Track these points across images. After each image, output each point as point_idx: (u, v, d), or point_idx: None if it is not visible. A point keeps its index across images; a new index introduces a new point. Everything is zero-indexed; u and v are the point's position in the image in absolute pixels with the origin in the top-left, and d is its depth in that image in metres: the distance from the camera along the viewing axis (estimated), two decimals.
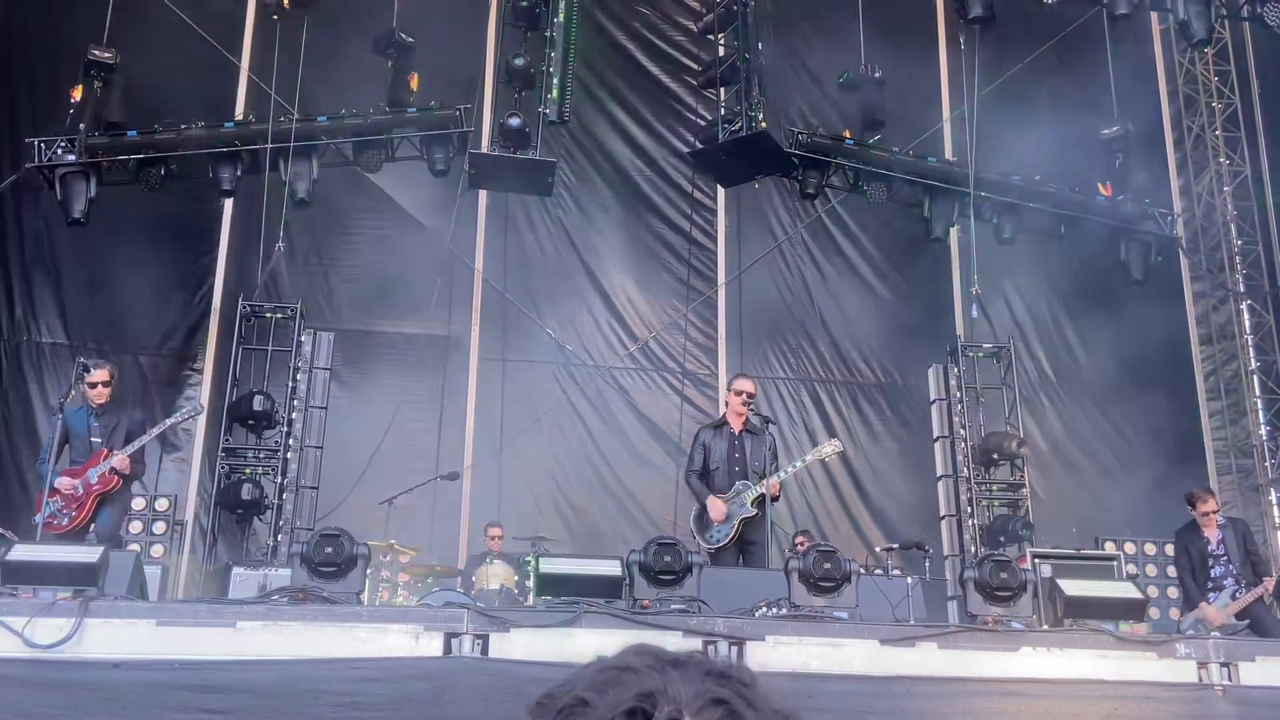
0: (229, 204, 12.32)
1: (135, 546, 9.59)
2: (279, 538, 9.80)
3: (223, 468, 10.30)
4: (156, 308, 12.49)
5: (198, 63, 12.80)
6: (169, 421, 8.31)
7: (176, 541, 10.43)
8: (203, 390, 12.15)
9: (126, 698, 4.87)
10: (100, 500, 7.56)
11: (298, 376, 10.39)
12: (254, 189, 11.28)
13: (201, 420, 11.84)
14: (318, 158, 11.14)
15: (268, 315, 10.80)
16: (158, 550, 10.12)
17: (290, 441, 10.23)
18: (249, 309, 10.74)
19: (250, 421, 10.37)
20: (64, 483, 7.45)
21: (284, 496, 9.98)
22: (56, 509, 7.44)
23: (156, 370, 12.31)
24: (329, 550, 5.79)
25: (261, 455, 10.37)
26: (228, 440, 10.26)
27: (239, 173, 11.12)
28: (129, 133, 10.89)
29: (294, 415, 10.29)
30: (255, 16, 12.96)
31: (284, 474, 10.08)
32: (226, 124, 11.38)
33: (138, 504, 10.19)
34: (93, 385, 7.72)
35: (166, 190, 11.60)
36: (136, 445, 7.61)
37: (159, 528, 10.32)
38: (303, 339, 10.53)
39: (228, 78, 12.88)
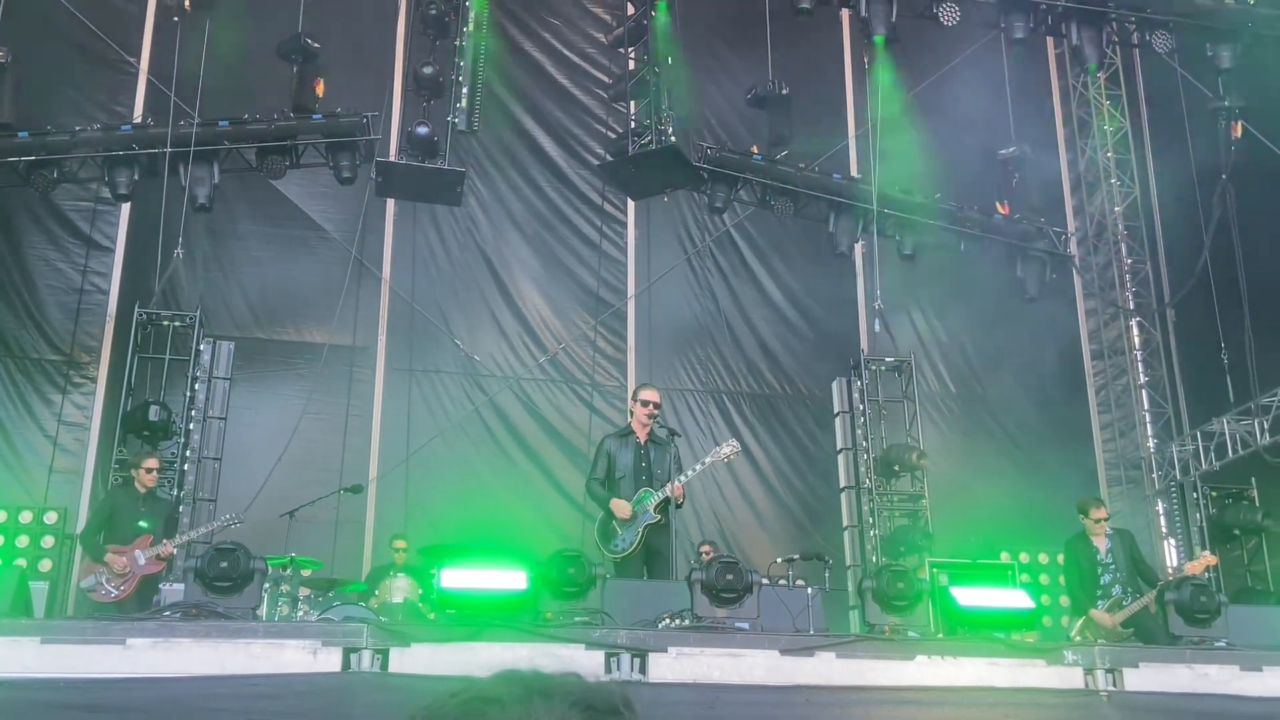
0: (125, 208, 12.00)
1: (22, 561, 9.31)
2: (175, 552, 9.54)
3: (116, 480, 10.00)
4: (46, 313, 12.08)
5: (95, 63, 12.51)
6: (216, 523, 8.61)
7: (66, 556, 10.08)
8: (95, 399, 11.80)
9: (8, 718, 4.70)
10: (142, 581, 8.06)
11: (196, 386, 10.17)
12: (152, 193, 11.00)
13: (94, 430, 11.53)
14: (219, 163, 10.93)
15: (165, 323, 10.54)
16: (46, 565, 9.79)
17: (188, 453, 10.00)
18: (145, 316, 10.47)
19: (145, 432, 10.10)
20: (117, 561, 8.01)
21: (180, 510, 9.73)
22: (102, 580, 7.98)
23: (44, 378, 11.90)
24: (224, 565, 5.66)
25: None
26: (121, 451, 9.98)
27: (136, 176, 10.86)
28: (20, 134, 10.55)
29: (191, 426, 10.07)
30: (155, 17, 12.66)
31: (180, 486, 9.84)
32: (124, 126, 11.12)
33: (25, 517, 9.95)
34: (148, 470, 8.46)
35: (59, 192, 11.28)
36: (184, 540, 8.33)
37: (48, 542, 9.98)
38: (201, 348, 10.32)
39: (126, 79, 12.58)
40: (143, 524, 8.24)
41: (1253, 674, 6.04)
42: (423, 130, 10.90)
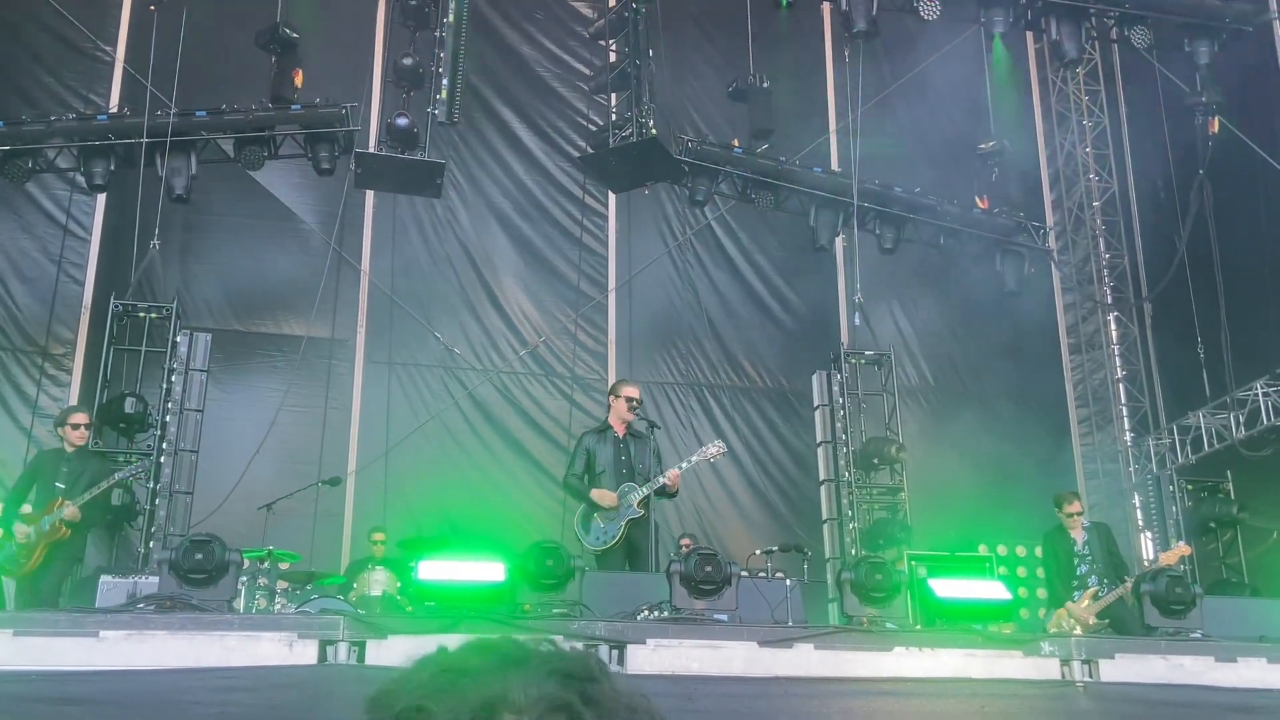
0: (101, 199, 11.90)
1: None
2: (151, 545, 9.50)
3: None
4: (21, 303, 11.97)
5: (70, 52, 12.40)
6: (119, 475, 8.20)
7: None
8: (71, 391, 11.70)
9: None
10: (50, 548, 7.57)
11: (172, 378, 10.10)
12: (129, 184, 10.91)
13: None
14: (196, 154, 10.85)
15: (141, 314, 10.47)
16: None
17: (164, 445, 9.93)
18: (121, 308, 10.40)
19: (122, 424, 10.03)
20: (20, 531, 7.54)
21: (156, 502, 9.67)
22: (12, 553, 7.55)
23: (19, 368, 11.78)
24: (199, 557, 5.62)
25: (133, 459, 10.03)
26: (97, 443, 9.86)
27: (112, 167, 10.77)
28: None
29: (168, 418, 10.00)
30: (131, 5, 12.55)
31: (156, 479, 9.77)
32: (100, 116, 11.00)
33: None
34: (74, 427, 7.92)
35: (35, 181, 11.18)
36: (88, 496, 7.62)
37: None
38: (178, 339, 10.24)
39: (102, 68, 12.47)
40: (59, 485, 7.68)
41: (1227, 665, 6.08)
42: (402, 121, 10.84)
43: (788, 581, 6.94)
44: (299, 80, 10.99)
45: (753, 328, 14.07)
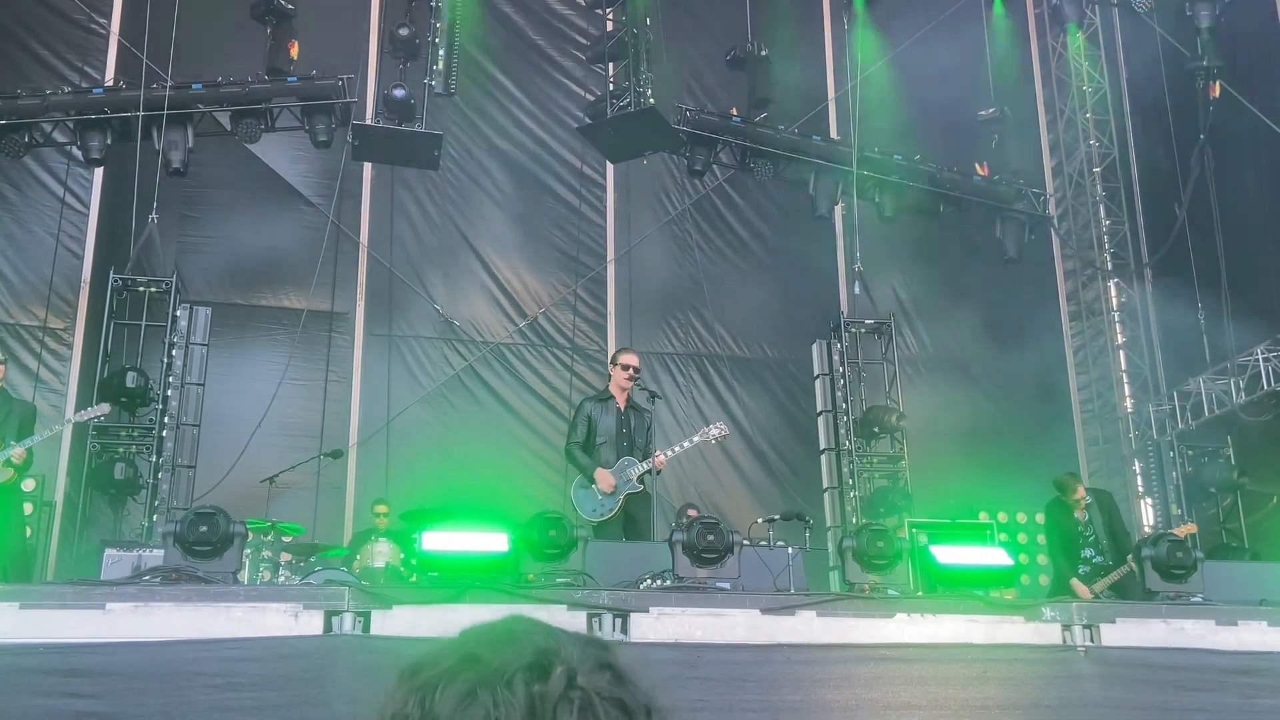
0: (99, 173, 11.85)
1: None
2: (155, 518, 9.54)
3: (93, 446, 9.97)
4: (20, 276, 11.95)
5: (64, 24, 12.32)
6: (74, 418, 8.08)
7: (45, 522, 10.04)
8: (72, 366, 11.70)
9: None
10: None
11: (173, 352, 10.10)
12: (125, 158, 10.86)
13: (70, 396, 11.45)
14: (193, 126, 10.79)
15: (141, 289, 10.45)
16: (25, 532, 9.73)
17: (165, 419, 9.95)
18: (121, 282, 10.38)
19: (123, 399, 10.04)
20: None
21: (159, 476, 9.71)
22: None
23: (19, 342, 11.77)
24: (204, 529, 5.63)
25: (135, 434, 10.07)
26: (99, 419, 9.90)
27: (109, 141, 10.72)
28: None
29: (169, 392, 10.01)
30: None
31: (159, 453, 9.81)
32: (95, 90, 10.94)
33: None
34: None
35: (32, 155, 11.13)
36: (36, 440, 7.40)
37: (26, 508, 9.91)
38: (178, 313, 10.24)
39: (97, 41, 12.38)
40: None
41: (1228, 628, 6.12)
42: (399, 93, 10.78)
43: (789, 550, 6.97)
44: (295, 52, 10.92)
45: (752, 297, 14.04)
